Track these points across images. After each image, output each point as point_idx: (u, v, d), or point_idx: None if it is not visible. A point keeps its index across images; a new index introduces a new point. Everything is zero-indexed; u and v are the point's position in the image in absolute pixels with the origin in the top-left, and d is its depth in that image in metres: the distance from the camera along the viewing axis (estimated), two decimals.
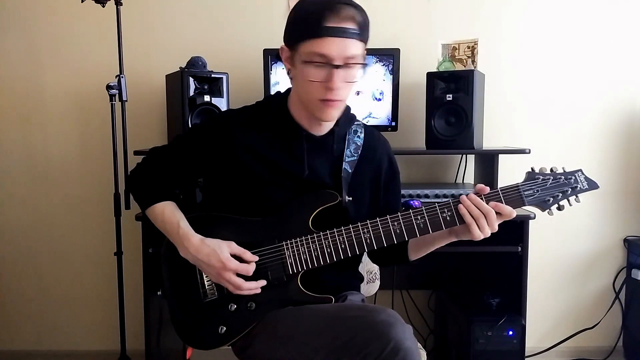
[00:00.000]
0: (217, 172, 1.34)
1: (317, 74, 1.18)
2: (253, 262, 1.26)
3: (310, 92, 1.21)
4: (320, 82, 1.18)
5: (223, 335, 1.28)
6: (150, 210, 1.37)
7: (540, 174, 1.23)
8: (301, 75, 1.21)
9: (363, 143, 1.38)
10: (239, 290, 1.25)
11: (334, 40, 1.15)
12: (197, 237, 1.28)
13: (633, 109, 2.45)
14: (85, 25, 2.36)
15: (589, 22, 2.41)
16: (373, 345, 1.08)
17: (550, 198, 1.22)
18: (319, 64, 1.17)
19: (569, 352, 2.53)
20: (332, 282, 1.36)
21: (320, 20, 1.14)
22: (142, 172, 1.41)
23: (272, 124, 1.33)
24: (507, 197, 1.21)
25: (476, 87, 2.03)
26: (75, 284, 2.50)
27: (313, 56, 1.17)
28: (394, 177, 1.45)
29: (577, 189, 1.22)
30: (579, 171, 1.24)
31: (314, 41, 1.16)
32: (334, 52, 1.16)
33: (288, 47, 1.24)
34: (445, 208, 1.22)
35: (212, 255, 1.24)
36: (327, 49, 1.15)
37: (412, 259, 1.40)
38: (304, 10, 1.19)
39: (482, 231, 1.19)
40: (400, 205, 1.49)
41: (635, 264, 2.41)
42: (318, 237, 1.26)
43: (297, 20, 1.20)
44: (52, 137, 2.43)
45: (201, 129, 1.39)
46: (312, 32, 1.16)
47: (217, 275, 1.25)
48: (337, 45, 1.16)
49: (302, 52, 1.18)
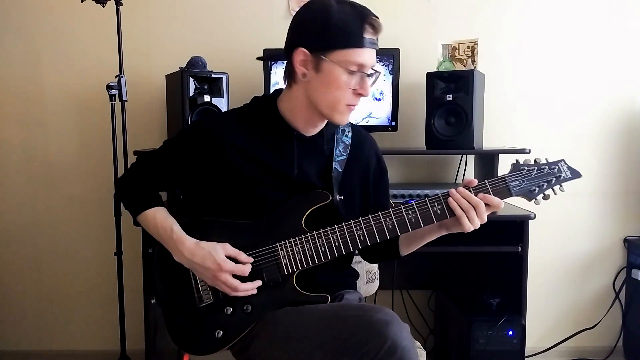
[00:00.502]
0: (207, 174, 1.33)
1: (352, 81, 1.23)
2: (249, 263, 1.26)
3: (340, 97, 1.24)
4: (352, 89, 1.24)
5: (220, 339, 1.28)
6: (142, 217, 1.37)
7: (525, 165, 1.26)
8: (331, 81, 1.23)
9: (351, 142, 1.40)
10: (235, 292, 1.25)
11: (372, 52, 1.24)
12: (191, 240, 1.28)
13: (633, 109, 2.45)
14: (85, 25, 2.36)
15: (589, 22, 2.41)
16: (370, 344, 1.08)
17: (536, 188, 1.25)
18: (353, 72, 1.22)
19: (569, 352, 2.53)
20: (327, 282, 1.36)
21: (362, 32, 1.21)
22: (130, 179, 1.41)
23: (261, 125, 1.33)
24: (495, 188, 1.23)
25: (476, 87, 2.03)
26: (76, 284, 2.50)
27: (350, 64, 1.21)
28: (382, 175, 1.47)
29: (561, 178, 1.25)
30: (562, 161, 1.27)
31: (355, 51, 1.21)
32: (369, 62, 1.24)
33: (310, 51, 1.23)
34: (436, 202, 1.24)
35: (208, 257, 1.24)
36: (366, 59, 1.22)
37: (403, 254, 1.42)
38: (339, 19, 1.20)
39: (472, 223, 1.21)
40: (389, 202, 1.50)
41: (635, 264, 2.41)
42: (312, 237, 1.26)
43: (332, 27, 1.20)
44: (52, 137, 2.43)
45: (189, 132, 1.39)
46: (354, 42, 1.20)
47: (212, 277, 1.25)
48: (372, 56, 1.25)
49: (338, 59, 1.21)
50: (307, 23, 1.24)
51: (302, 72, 1.25)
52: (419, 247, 1.39)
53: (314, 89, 1.26)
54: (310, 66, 1.24)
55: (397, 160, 2.41)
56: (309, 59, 1.23)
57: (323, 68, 1.22)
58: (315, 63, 1.23)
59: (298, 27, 1.26)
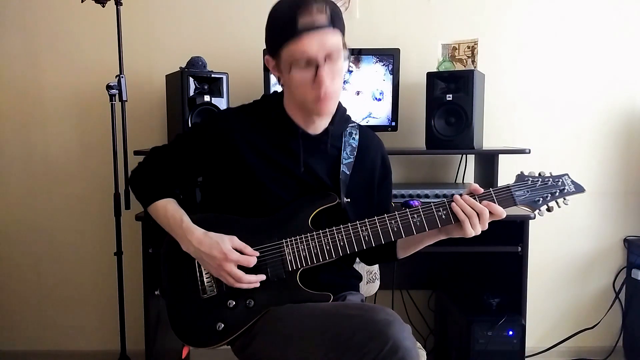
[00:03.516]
0: (218, 169, 1.35)
1: (305, 77, 1.20)
2: (254, 255, 1.27)
3: (303, 95, 1.23)
4: (310, 84, 1.21)
5: (221, 332, 1.28)
6: (153, 207, 1.39)
7: (529, 177, 1.29)
8: (291, 82, 1.23)
9: (358, 145, 1.41)
10: (238, 283, 1.25)
11: (311, 36, 1.16)
12: (200, 230, 1.30)
13: (633, 109, 2.45)
14: (85, 25, 2.36)
15: (589, 22, 2.41)
16: (372, 344, 1.08)
17: (540, 199, 1.27)
18: (304, 67, 1.19)
19: (569, 352, 2.53)
20: (330, 282, 1.36)
21: (293, 21, 1.16)
22: (143, 171, 1.43)
23: (269, 122, 1.35)
24: (500, 197, 1.25)
25: (476, 87, 2.03)
26: (76, 284, 2.50)
27: (296, 59, 1.18)
28: (386, 176, 1.48)
29: (565, 191, 1.27)
30: (566, 175, 1.29)
31: (292, 43, 1.17)
32: (314, 48, 1.17)
33: (271, 57, 1.26)
34: (441, 207, 1.25)
35: (214, 246, 1.26)
36: (306, 46, 1.16)
37: (400, 257, 1.44)
38: (275, 16, 1.21)
39: (474, 229, 1.23)
40: (391, 203, 1.52)
41: (635, 264, 2.41)
42: (317, 235, 1.28)
43: (271, 26, 1.22)
44: (52, 137, 2.43)
45: (202, 126, 1.40)
46: (288, 34, 1.17)
47: (217, 267, 1.26)
48: (315, 40, 1.16)
49: (285, 57, 1.20)
50: (265, 29, 1.25)
51: (277, 77, 1.28)
52: (416, 251, 1.41)
53: (289, 91, 1.29)
54: (277, 70, 1.27)
55: (397, 160, 2.41)
56: (274, 64, 1.26)
57: (282, 70, 1.24)
58: (278, 67, 1.25)
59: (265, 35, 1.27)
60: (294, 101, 1.30)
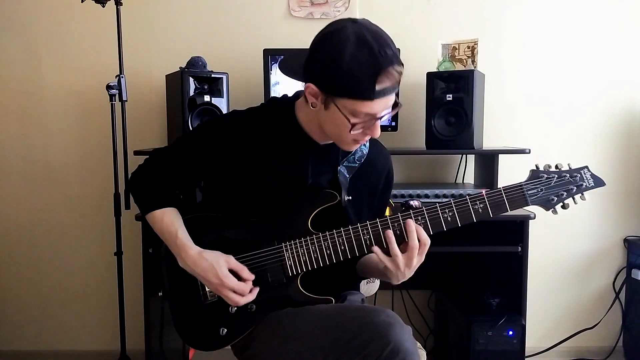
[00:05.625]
0: (221, 175, 1.32)
1: (359, 124, 1.15)
2: (250, 280, 1.26)
3: (345, 135, 1.18)
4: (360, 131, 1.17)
5: (224, 336, 1.29)
6: (151, 216, 1.35)
7: (545, 172, 1.20)
8: (337, 121, 1.16)
9: (367, 154, 1.37)
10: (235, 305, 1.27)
11: (384, 100, 1.13)
12: (195, 249, 1.27)
13: (633, 109, 2.45)
14: (85, 25, 2.36)
15: (589, 22, 2.41)
16: (372, 346, 1.08)
17: (555, 197, 1.18)
18: (362, 117, 1.14)
19: (569, 352, 2.53)
20: (331, 283, 1.36)
21: (374, 84, 1.09)
22: (144, 175, 1.39)
23: (278, 129, 1.30)
24: (510, 197, 1.18)
25: (476, 87, 2.03)
26: (76, 284, 2.50)
27: (358, 113, 1.13)
28: (388, 187, 1.46)
29: (583, 187, 1.19)
30: (585, 168, 1.20)
31: (363, 102, 1.11)
32: (381, 109, 1.14)
33: (322, 91, 1.15)
34: (447, 208, 1.21)
35: (210, 270, 1.24)
36: (376, 109, 1.13)
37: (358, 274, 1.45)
38: (350, 69, 1.09)
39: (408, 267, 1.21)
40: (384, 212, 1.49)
41: (635, 264, 2.41)
42: (317, 239, 1.26)
43: (341, 76, 1.10)
44: (52, 137, 2.43)
45: (206, 131, 1.34)
46: (364, 94, 1.10)
47: (214, 289, 1.27)
48: (385, 103, 1.14)
49: (345, 106, 1.13)
50: (318, 62, 1.15)
51: (312, 102, 1.19)
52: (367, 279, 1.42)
53: (322, 119, 1.21)
54: (319, 101, 1.17)
55: (397, 160, 2.40)
56: (318, 94, 1.16)
57: (330, 108, 1.15)
58: (323, 100, 1.16)
59: (311, 60, 1.17)
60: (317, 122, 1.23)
